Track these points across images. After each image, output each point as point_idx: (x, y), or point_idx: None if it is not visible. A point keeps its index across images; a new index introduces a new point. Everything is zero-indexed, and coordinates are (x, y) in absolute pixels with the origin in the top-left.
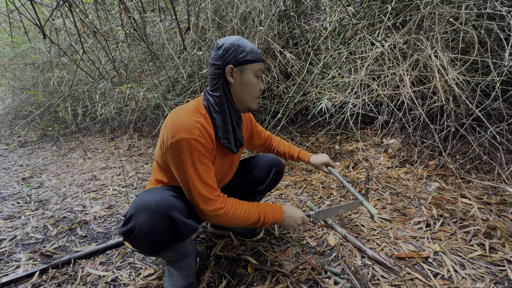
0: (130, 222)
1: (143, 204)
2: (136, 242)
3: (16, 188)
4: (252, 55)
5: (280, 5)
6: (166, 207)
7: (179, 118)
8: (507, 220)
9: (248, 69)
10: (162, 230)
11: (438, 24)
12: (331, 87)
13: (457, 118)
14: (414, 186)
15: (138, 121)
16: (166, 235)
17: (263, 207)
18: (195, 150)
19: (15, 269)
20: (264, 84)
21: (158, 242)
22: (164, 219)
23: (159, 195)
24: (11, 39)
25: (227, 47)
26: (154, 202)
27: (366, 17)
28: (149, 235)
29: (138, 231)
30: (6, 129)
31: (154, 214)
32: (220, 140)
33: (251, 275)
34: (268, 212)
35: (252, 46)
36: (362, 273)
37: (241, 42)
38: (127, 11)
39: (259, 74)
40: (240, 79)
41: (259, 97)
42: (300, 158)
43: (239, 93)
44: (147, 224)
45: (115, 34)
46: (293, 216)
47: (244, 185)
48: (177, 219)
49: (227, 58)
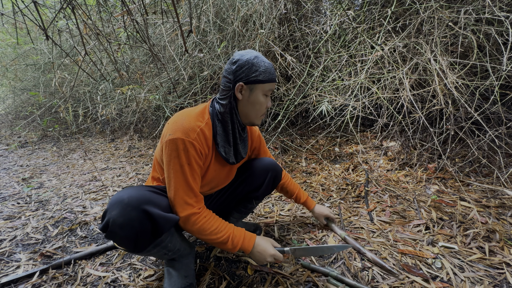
0: (105, 217)
1: (116, 199)
2: (113, 236)
3: (16, 189)
4: (264, 75)
5: (281, 8)
6: (139, 201)
7: (181, 119)
8: (506, 223)
9: (258, 88)
10: (137, 222)
11: (438, 28)
12: (331, 89)
13: (456, 122)
14: (413, 189)
15: (138, 122)
16: (143, 228)
17: (237, 232)
18: (187, 152)
19: (15, 269)
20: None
21: (135, 235)
22: (138, 211)
23: (135, 191)
24: (16, 41)
25: (241, 64)
26: (127, 196)
27: (366, 21)
28: (123, 228)
29: (112, 225)
30: (6, 130)
31: (127, 207)
32: (218, 148)
33: (251, 276)
34: (238, 238)
35: (266, 66)
36: (361, 276)
37: (257, 61)
38: (130, 14)
39: (268, 94)
40: (248, 97)
41: (265, 114)
42: (305, 204)
43: (245, 109)
44: (120, 217)
45: (117, 36)
46: (262, 252)
47: (240, 189)
48: (152, 212)
49: (239, 75)
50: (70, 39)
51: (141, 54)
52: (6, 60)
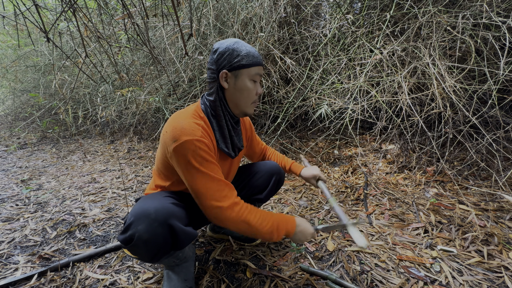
0: (129, 230)
1: (142, 212)
2: (135, 250)
3: (15, 190)
4: (247, 59)
5: (280, 12)
6: (165, 216)
7: (178, 122)
8: (504, 227)
9: (243, 74)
10: (161, 238)
11: (436, 33)
12: (330, 92)
13: (454, 125)
14: (412, 192)
15: (138, 124)
16: (165, 243)
17: (278, 218)
18: (200, 151)
19: (13, 271)
20: (264, 89)
21: (157, 250)
22: (163, 227)
23: (159, 202)
24: (18, 44)
25: (221, 52)
26: (154, 210)
27: (365, 25)
28: (148, 244)
29: (137, 239)
30: (5, 131)
31: (154, 223)
32: (218, 145)
33: (249, 279)
34: (282, 223)
35: (248, 50)
36: (360, 279)
37: (237, 46)
38: (131, 17)
39: (256, 79)
40: (234, 84)
41: (256, 102)
42: (291, 170)
43: (233, 98)
44: (146, 232)
45: (118, 38)
46: (304, 231)
47: (244, 192)
48: (176, 227)
49: (221, 63)
50: (70, 41)
51: (142, 57)
52: (6, 61)
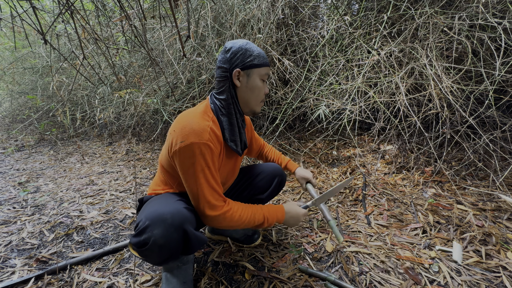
0: (144, 233)
1: (158, 216)
2: (147, 254)
3: (12, 193)
4: (259, 59)
5: (278, 13)
6: (181, 221)
7: (188, 122)
8: (502, 227)
9: (255, 73)
10: (175, 243)
11: (433, 34)
12: (328, 93)
13: (452, 125)
14: (410, 192)
15: (136, 126)
16: (178, 248)
17: (267, 209)
18: (204, 156)
19: (10, 275)
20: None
21: (169, 255)
22: (179, 233)
23: (173, 207)
24: (14, 46)
25: (235, 51)
26: (170, 215)
27: (362, 26)
28: (162, 248)
29: (152, 244)
30: (3, 133)
31: (170, 228)
32: (228, 142)
33: (248, 281)
34: (271, 215)
35: (259, 51)
36: (359, 280)
37: (249, 46)
38: (128, 19)
39: (265, 78)
40: (246, 82)
41: (264, 101)
42: (287, 168)
43: (245, 96)
44: (162, 237)
45: (116, 40)
46: (295, 216)
47: (246, 192)
48: (190, 232)
49: (234, 61)
50: (68, 43)
51: (139, 58)
52: (4, 63)
